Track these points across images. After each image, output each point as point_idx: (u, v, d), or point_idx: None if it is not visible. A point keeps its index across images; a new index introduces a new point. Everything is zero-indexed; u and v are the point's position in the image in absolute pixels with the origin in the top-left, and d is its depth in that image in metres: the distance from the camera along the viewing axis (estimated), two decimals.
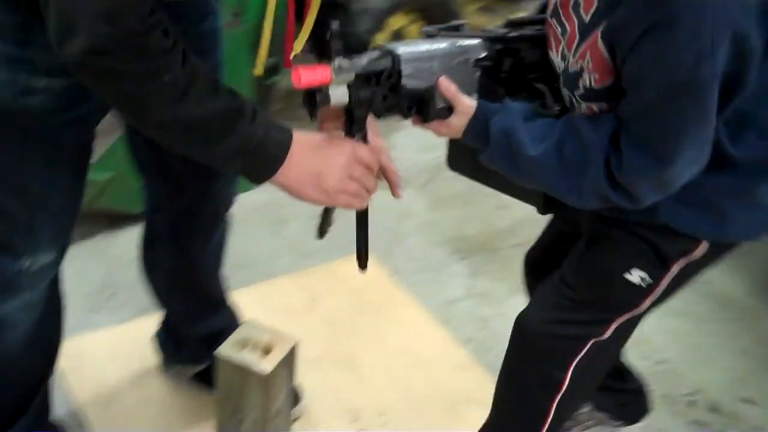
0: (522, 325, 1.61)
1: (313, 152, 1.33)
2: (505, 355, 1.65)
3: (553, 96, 1.42)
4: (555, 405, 1.61)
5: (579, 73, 1.35)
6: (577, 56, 1.35)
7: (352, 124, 1.36)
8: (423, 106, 1.38)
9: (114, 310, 2.31)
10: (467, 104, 1.38)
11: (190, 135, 1.27)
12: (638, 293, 1.51)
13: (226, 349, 1.38)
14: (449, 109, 1.38)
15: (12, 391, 1.66)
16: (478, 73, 1.40)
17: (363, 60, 1.30)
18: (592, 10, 1.32)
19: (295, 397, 2.03)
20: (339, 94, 1.29)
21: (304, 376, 2.07)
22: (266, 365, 1.35)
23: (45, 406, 1.74)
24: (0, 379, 1.63)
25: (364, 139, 1.38)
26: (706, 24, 1.20)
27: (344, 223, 1.47)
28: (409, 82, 1.33)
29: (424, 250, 2.66)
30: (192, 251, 1.86)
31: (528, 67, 1.45)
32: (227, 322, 1.95)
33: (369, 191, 1.39)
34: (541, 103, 1.42)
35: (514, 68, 1.44)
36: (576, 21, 1.35)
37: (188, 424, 1.98)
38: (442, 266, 2.60)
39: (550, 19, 1.42)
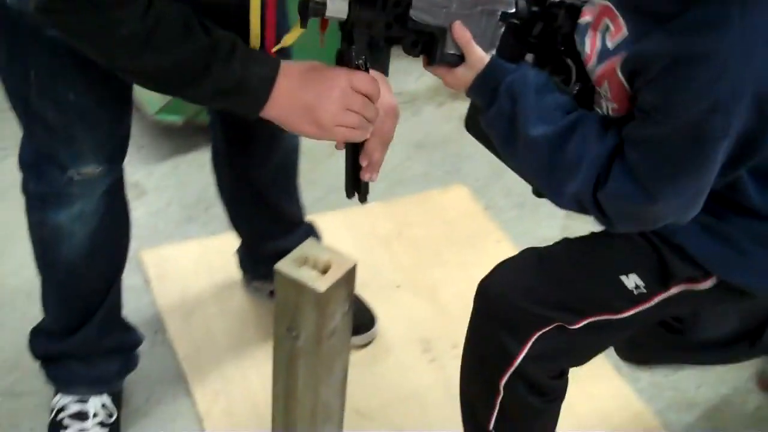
0: (490, 290, 1.48)
1: (302, 85, 1.27)
2: (469, 324, 1.53)
3: (578, 76, 1.30)
4: (504, 381, 1.46)
5: (598, 101, 1.27)
6: (593, 81, 1.26)
7: (350, 46, 1.26)
8: (430, 47, 1.27)
9: (208, 223, 2.36)
10: (479, 56, 1.26)
11: (161, 80, 1.26)
12: (626, 299, 1.38)
13: (285, 265, 1.37)
14: (461, 58, 1.27)
15: (77, 297, 1.71)
16: (502, 30, 1.28)
17: None
18: (619, 38, 1.21)
19: (368, 323, 2.04)
20: (338, 8, 1.20)
21: (381, 303, 2.08)
22: (322, 284, 1.34)
23: (113, 310, 1.79)
24: (64, 286, 1.69)
25: (365, 65, 1.28)
26: (730, 75, 1.10)
27: (442, 154, 1.41)
28: (418, 15, 1.22)
29: (521, 186, 2.55)
30: (248, 170, 1.85)
31: (561, 38, 1.31)
32: (302, 241, 1.95)
33: (371, 121, 1.31)
34: (562, 79, 1.31)
35: (544, 35, 1.30)
36: (599, 44, 1.25)
37: (264, 338, 2.00)
38: (538, 204, 2.51)
39: (575, 37, 1.30)
